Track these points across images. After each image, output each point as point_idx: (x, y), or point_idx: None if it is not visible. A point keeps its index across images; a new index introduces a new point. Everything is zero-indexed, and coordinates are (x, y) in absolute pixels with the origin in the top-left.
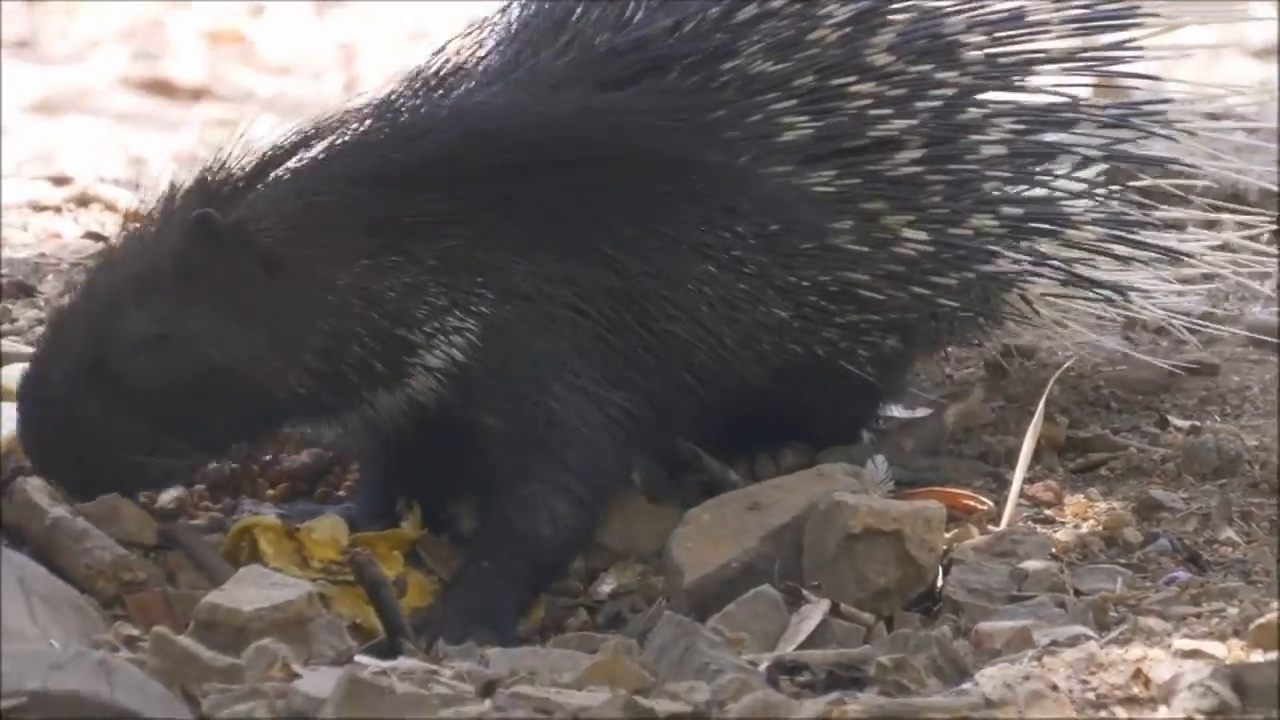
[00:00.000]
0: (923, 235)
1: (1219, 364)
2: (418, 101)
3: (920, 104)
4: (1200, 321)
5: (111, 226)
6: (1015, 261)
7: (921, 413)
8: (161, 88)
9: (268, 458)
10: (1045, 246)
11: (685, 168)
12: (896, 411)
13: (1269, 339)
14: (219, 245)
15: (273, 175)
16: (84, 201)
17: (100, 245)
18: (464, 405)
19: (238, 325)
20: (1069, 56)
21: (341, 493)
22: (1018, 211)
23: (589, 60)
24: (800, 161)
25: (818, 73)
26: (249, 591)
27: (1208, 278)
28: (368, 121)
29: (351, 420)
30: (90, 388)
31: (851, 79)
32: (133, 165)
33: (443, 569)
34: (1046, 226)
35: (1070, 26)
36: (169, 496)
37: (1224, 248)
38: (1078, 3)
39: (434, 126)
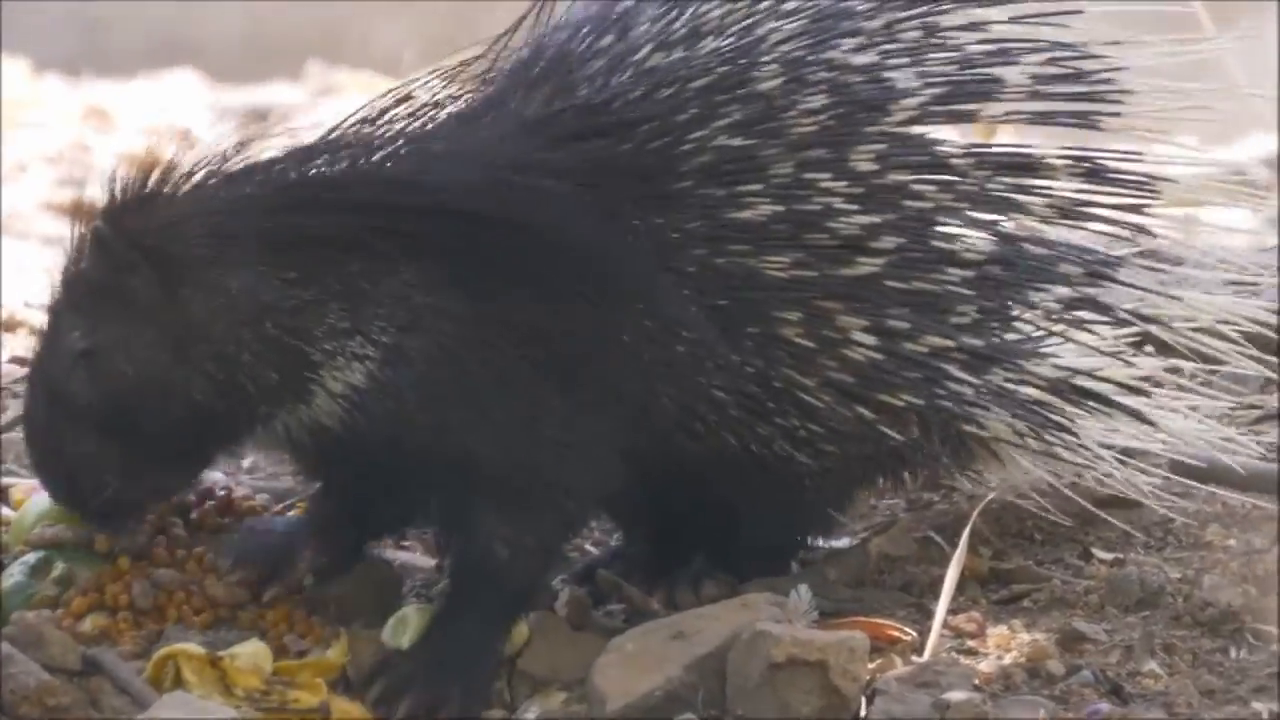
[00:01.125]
0: (872, 341)
1: (1142, 497)
2: (348, 135)
3: (893, 212)
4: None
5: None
6: (974, 391)
7: (845, 543)
8: (87, 212)
9: (192, 585)
10: (1004, 380)
11: (585, 254)
12: (820, 541)
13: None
14: (113, 256)
15: (178, 189)
16: (10, 326)
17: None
18: (370, 433)
19: (142, 334)
20: (1070, 207)
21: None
22: (977, 343)
23: (544, 117)
24: (756, 242)
25: (796, 164)
26: (173, 718)
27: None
28: (287, 149)
29: (264, 439)
30: (52, 412)
31: (826, 175)
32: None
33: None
34: (1006, 359)
35: (1077, 180)
36: (94, 622)
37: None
38: (1089, 158)
39: (356, 157)
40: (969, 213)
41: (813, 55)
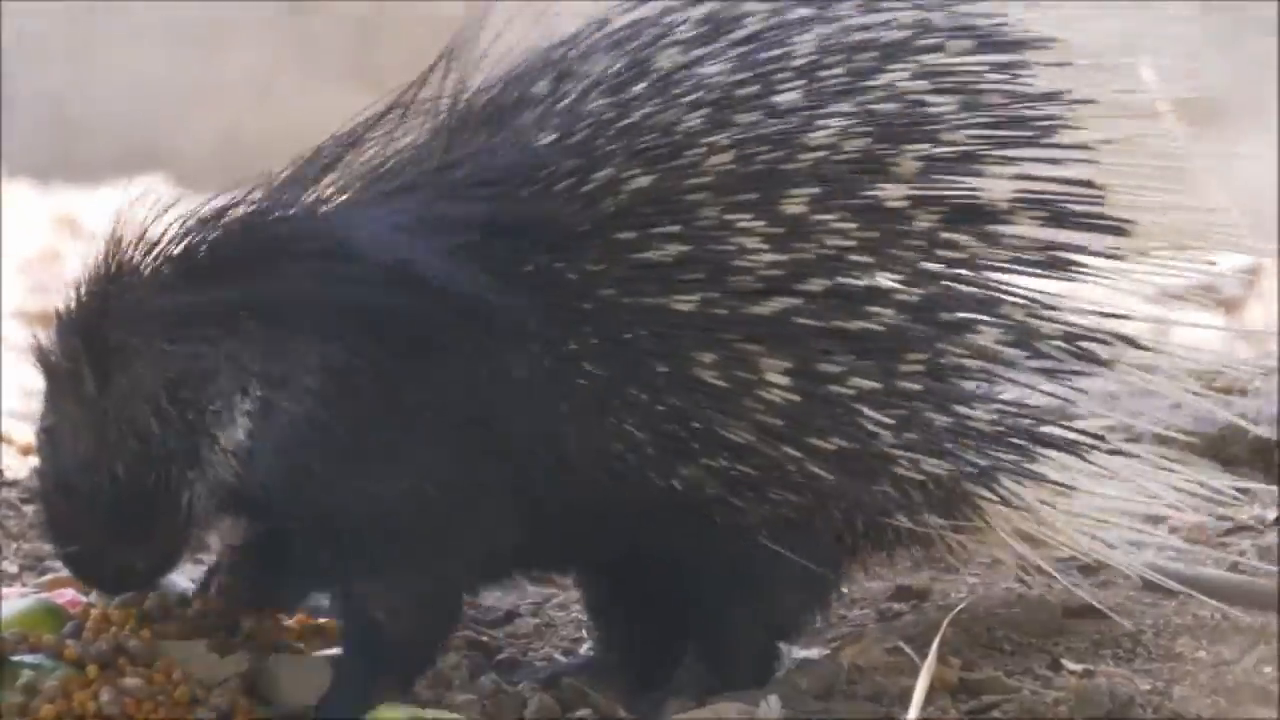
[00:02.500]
0: (789, 382)
1: (1112, 608)
2: (265, 198)
3: (811, 252)
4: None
5: (6, 459)
6: (898, 437)
7: (816, 653)
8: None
9: (159, 694)
10: (940, 421)
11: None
12: (794, 650)
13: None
14: (64, 344)
15: (116, 278)
16: None
17: None
18: (255, 492)
19: (84, 413)
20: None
21: None
22: (914, 387)
23: (444, 166)
24: (667, 281)
25: (718, 205)
26: None
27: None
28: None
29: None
30: (46, 488)
31: (748, 215)
32: (28, 398)
33: None
34: (936, 400)
35: (1035, 225)
36: None
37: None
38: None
39: (253, 227)
40: (899, 254)
41: (741, 94)
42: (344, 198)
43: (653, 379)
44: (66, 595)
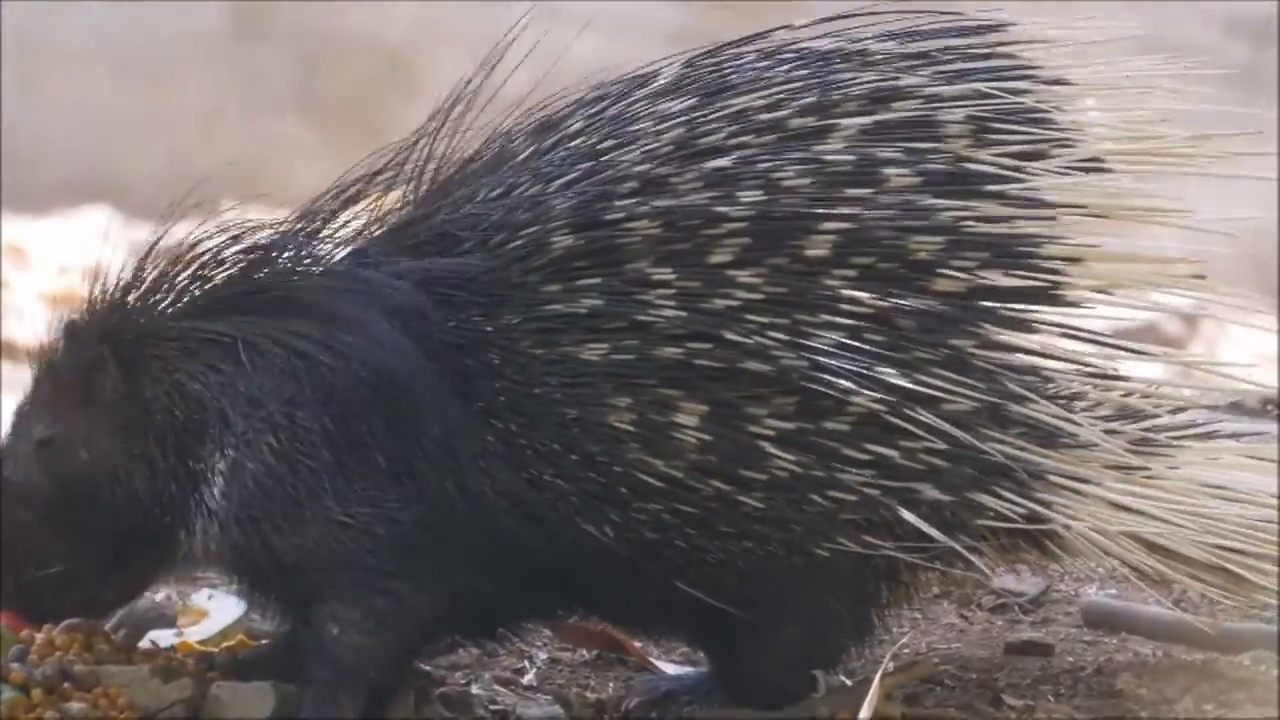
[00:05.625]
0: (695, 423)
1: (1054, 644)
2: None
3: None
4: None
5: None
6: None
7: None
8: (3, 350)
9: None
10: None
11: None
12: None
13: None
14: (84, 351)
15: (143, 293)
16: None
17: None
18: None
19: (101, 425)
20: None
21: None
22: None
23: (392, 229)
24: (582, 332)
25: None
26: None
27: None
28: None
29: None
30: (10, 504)
31: (668, 270)
32: None
33: None
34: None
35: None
36: None
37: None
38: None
39: (245, 264)
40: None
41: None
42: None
43: (565, 428)
44: (9, 619)
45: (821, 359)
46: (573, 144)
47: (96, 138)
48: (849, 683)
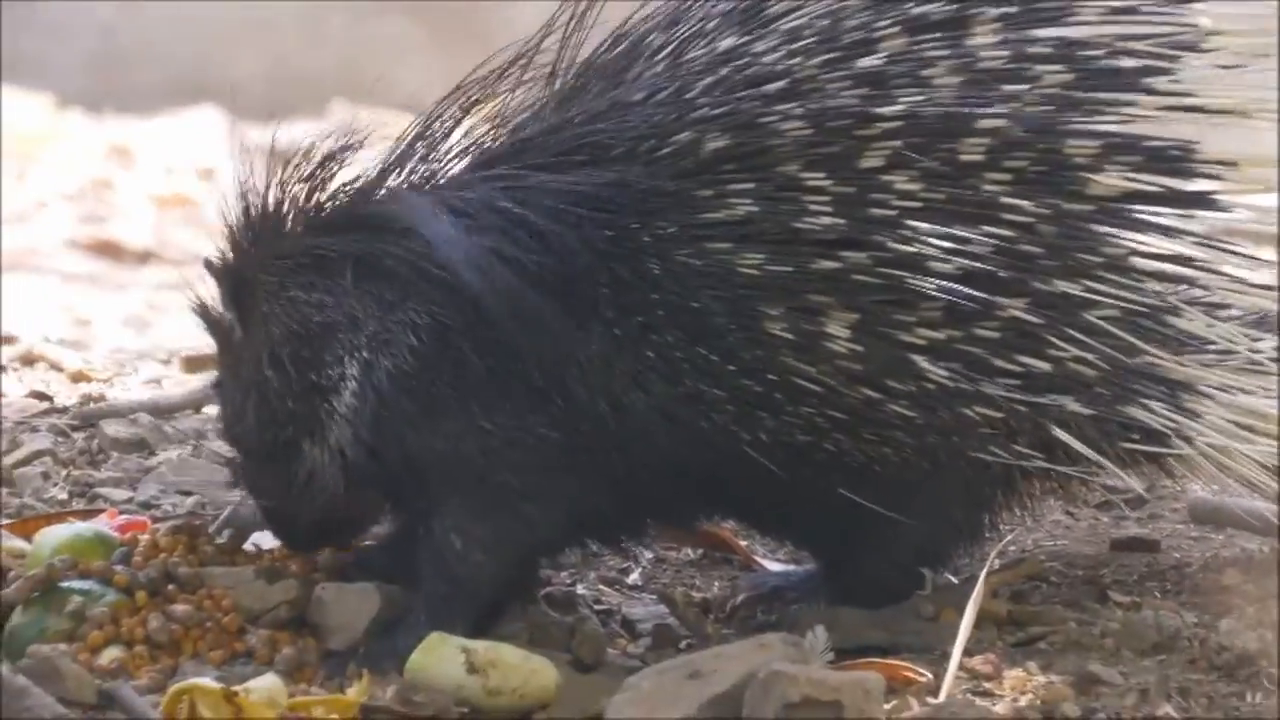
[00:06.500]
0: (846, 334)
1: (1159, 540)
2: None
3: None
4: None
5: (56, 386)
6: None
7: None
8: (109, 249)
9: (208, 620)
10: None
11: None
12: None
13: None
14: (220, 287)
15: (261, 217)
16: (29, 360)
17: (44, 405)
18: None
19: (232, 363)
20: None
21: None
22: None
23: (529, 138)
24: (734, 240)
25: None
26: None
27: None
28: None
29: (316, 475)
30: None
31: (820, 174)
32: (78, 326)
33: None
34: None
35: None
36: (110, 656)
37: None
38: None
39: (368, 189)
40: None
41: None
42: (460, 164)
43: (724, 338)
44: (117, 521)
45: (978, 265)
46: (709, 42)
47: (200, 39)
48: (955, 580)
